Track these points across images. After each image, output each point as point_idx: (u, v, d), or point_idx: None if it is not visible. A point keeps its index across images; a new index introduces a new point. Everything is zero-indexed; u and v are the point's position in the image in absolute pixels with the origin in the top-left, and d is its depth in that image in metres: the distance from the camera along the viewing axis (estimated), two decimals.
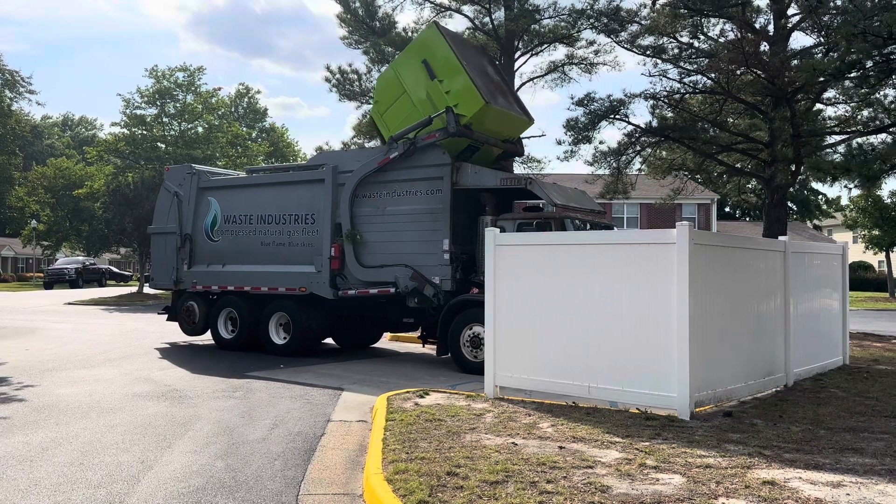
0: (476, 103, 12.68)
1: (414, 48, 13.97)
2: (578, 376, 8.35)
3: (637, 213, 39.55)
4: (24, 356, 13.75)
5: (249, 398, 9.71)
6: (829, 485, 5.40)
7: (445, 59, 13.05)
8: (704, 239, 8.37)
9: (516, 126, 14.31)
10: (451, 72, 12.95)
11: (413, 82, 13.44)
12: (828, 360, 11.56)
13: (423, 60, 13.24)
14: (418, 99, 13.33)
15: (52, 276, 51.14)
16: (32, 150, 78.67)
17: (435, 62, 13.14)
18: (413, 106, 13.37)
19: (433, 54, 13.23)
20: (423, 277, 12.54)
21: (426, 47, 13.47)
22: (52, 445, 7.12)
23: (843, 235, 56.68)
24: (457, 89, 12.85)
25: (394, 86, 13.81)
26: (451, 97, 12.82)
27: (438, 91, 13.00)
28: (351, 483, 6.06)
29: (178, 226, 15.85)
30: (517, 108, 14.42)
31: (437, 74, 13.06)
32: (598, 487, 5.29)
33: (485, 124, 13.16)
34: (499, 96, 13.71)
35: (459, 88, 12.83)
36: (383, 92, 14.17)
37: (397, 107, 13.67)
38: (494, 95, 13.39)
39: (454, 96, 12.82)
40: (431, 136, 12.73)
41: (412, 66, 13.50)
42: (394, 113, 13.69)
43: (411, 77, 13.47)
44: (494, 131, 13.60)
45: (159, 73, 40.55)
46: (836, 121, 20.21)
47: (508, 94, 14.67)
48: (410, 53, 13.88)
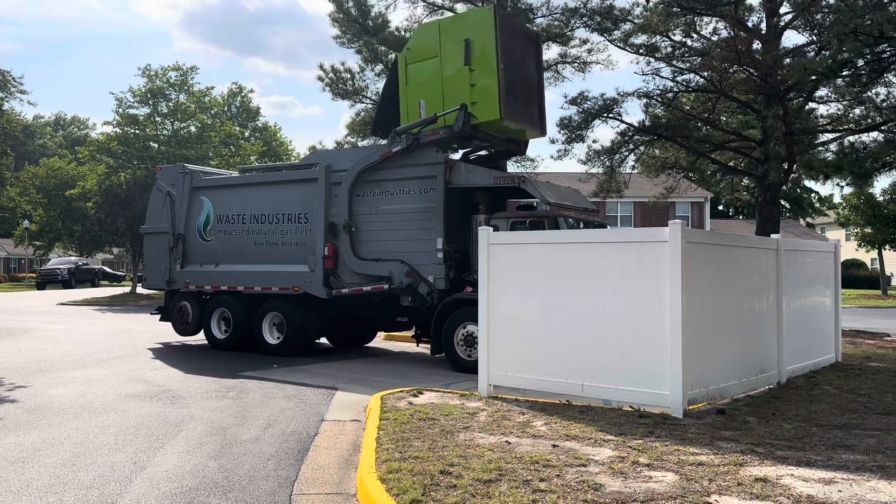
0: (492, 113, 12.42)
1: (465, 21, 13.41)
2: (572, 375, 8.36)
3: (630, 211, 39.63)
4: (17, 357, 13.69)
5: (243, 398, 9.69)
6: (821, 482, 5.41)
7: (485, 52, 12.53)
8: (697, 237, 8.40)
9: (527, 135, 14.22)
10: (485, 67, 12.50)
11: (449, 53, 12.88)
12: (820, 358, 11.61)
13: (466, 40, 12.65)
14: (446, 73, 12.86)
15: (44, 277, 50.95)
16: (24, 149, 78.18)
17: (475, 48, 12.58)
18: (438, 77, 12.93)
19: (477, 38, 12.62)
20: (418, 275, 12.53)
21: (475, 28, 12.77)
22: (44, 446, 7.09)
23: (835, 233, 56.90)
24: (482, 87, 12.50)
25: (431, 44, 13.15)
26: (473, 92, 12.51)
27: (465, 79, 12.57)
28: (344, 483, 6.06)
29: (171, 225, 15.81)
30: (536, 117, 14.01)
31: (472, 63, 12.56)
32: (591, 486, 5.29)
33: (494, 129, 13.06)
34: (521, 104, 13.24)
35: (484, 89, 12.47)
36: (420, 44, 13.50)
37: (424, 67, 13.16)
38: (515, 105, 12.92)
39: (476, 93, 12.50)
40: (436, 133, 12.66)
41: (455, 37, 12.86)
42: (418, 71, 13.23)
43: (450, 46, 12.87)
44: (502, 133, 13.50)
45: (152, 72, 40.41)
46: (828, 119, 20.31)
47: (534, 100, 13.99)
48: (459, 24, 13.32)
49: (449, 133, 12.57)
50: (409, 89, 13.36)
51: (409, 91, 13.38)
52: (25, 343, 16.23)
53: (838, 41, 14.00)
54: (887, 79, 16.82)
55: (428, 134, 12.76)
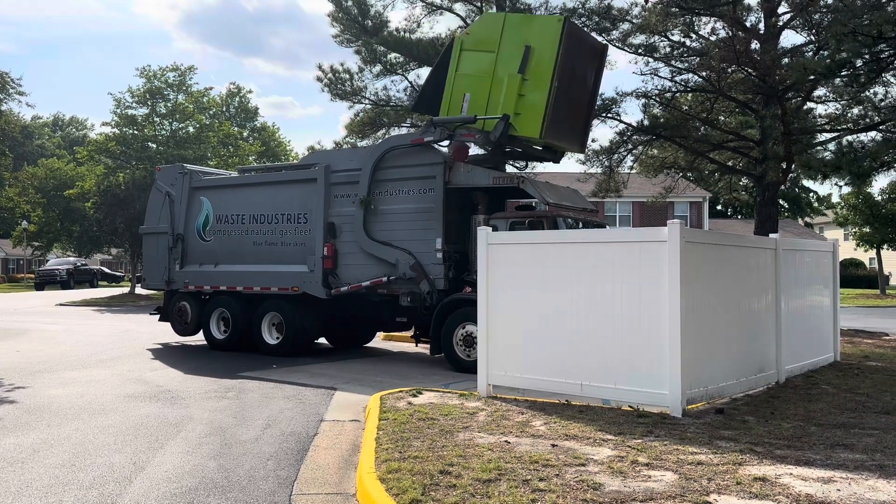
0: (533, 130, 12.13)
1: (532, 25, 12.73)
2: (571, 374, 8.37)
3: (629, 211, 39.66)
4: (16, 358, 13.68)
5: (242, 398, 9.69)
6: (820, 480, 5.43)
7: (543, 64, 12.02)
8: (695, 237, 8.41)
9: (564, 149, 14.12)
10: (539, 81, 12.03)
11: (507, 53, 12.33)
12: (819, 357, 11.62)
13: (527, 46, 12.11)
14: (499, 74, 12.33)
15: (43, 277, 50.90)
16: (23, 150, 78.15)
17: (534, 57, 12.09)
18: (490, 74, 12.40)
19: (539, 47, 12.09)
20: (422, 270, 12.50)
21: (540, 36, 12.19)
22: (44, 447, 7.09)
23: (834, 233, 56.94)
24: (529, 101, 12.09)
25: (492, 37, 12.56)
26: (519, 103, 12.10)
27: (516, 86, 12.10)
28: (344, 483, 6.06)
29: (170, 226, 15.80)
30: (577, 135, 13.71)
31: (526, 72, 12.11)
32: (590, 485, 5.30)
33: (529, 142, 12.87)
34: (565, 123, 12.89)
35: (532, 105, 12.07)
36: (480, 32, 12.94)
37: (479, 58, 12.60)
38: (561, 123, 12.56)
39: (522, 105, 12.11)
40: (471, 134, 12.53)
41: (518, 38, 12.33)
42: (472, 60, 12.67)
43: (510, 47, 12.33)
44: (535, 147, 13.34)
45: (150, 72, 40.40)
46: (826, 119, 20.33)
47: (581, 119, 13.65)
48: (525, 26, 12.65)
49: (484, 139, 12.42)
50: (457, 76, 12.82)
51: (458, 79, 12.84)
52: (24, 344, 16.22)
53: (836, 41, 14.02)
54: (885, 79, 16.83)
55: (463, 133, 12.58)
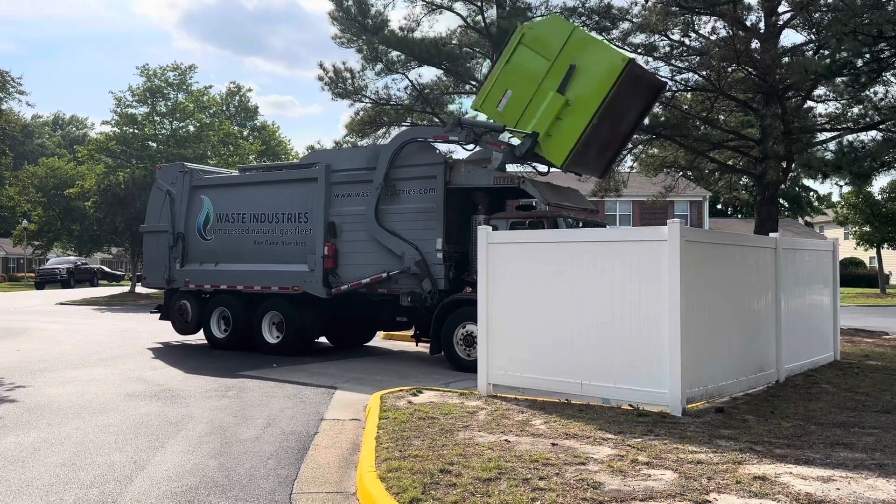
0: (557, 158, 11.83)
1: (596, 51, 11.84)
2: (571, 373, 8.38)
3: (629, 210, 39.64)
4: (16, 357, 13.69)
5: (242, 397, 9.70)
6: (820, 479, 5.43)
7: (590, 97, 11.43)
8: (696, 236, 8.42)
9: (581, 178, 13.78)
10: (581, 112, 11.49)
11: (560, 66, 11.69)
12: (819, 356, 11.63)
13: (572, 65, 11.54)
14: (545, 86, 11.74)
15: (43, 276, 50.93)
16: (23, 149, 78.20)
17: (579, 80, 11.50)
18: (537, 81, 11.81)
19: (590, 75, 11.47)
20: (426, 267, 12.50)
21: (598, 67, 11.49)
22: (45, 446, 7.10)
23: (834, 232, 56.94)
24: (564, 128, 11.62)
25: (554, 43, 11.83)
26: (554, 125, 11.66)
27: (557, 106, 11.60)
28: (344, 481, 6.07)
29: (171, 224, 15.81)
30: (602, 164, 13.40)
31: (568, 92, 11.55)
32: (590, 484, 5.31)
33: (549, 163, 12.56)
34: (593, 153, 12.54)
35: (566, 131, 11.60)
36: (544, 34, 12.15)
37: (532, 59, 11.99)
38: (587, 154, 12.23)
39: (556, 128, 11.67)
40: (497, 144, 12.37)
41: (577, 56, 11.66)
42: (525, 58, 12.08)
43: (566, 62, 11.67)
44: None
45: (150, 71, 40.41)
46: (826, 118, 20.32)
47: (612, 148, 13.25)
48: (588, 48, 11.80)
49: (509, 151, 12.27)
50: (506, 69, 12.25)
51: (506, 71, 12.27)
52: (24, 343, 16.23)
53: (837, 41, 14.01)
54: (886, 78, 16.84)
55: (489, 141, 12.47)
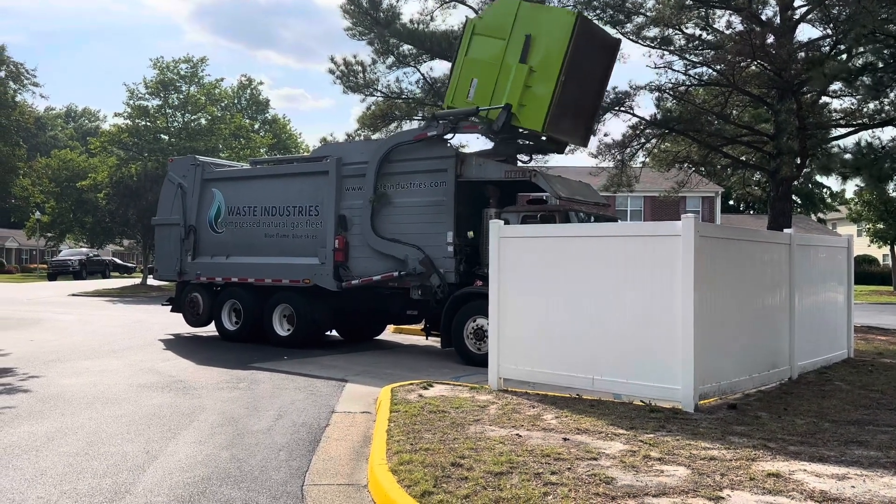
0: (535, 124, 12.05)
1: (545, 16, 12.45)
2: (582, 368, 8.34)
3: (641, 205, 39.45)
4: (29, 347, 13.79)
5: (254, 389, 9.73)
6: (834, 477, 5.39)
7: (551, 58, 11.84)
8: (710, 231, 8.35)
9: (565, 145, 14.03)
10: (546, 75, 11.87)
11: (518, 41, 12.13)
12: (832, 353, 11.54)
13: (527, 35, 11.93)
14: (507, 62, 12.18)
15: (55, 268, 51.25)
16: (36, 141, 78.66)
17: (538, 46, 11.92)
18: (499, 61, 12.23)
19: (545, 38, 11.90)
20: (432, 264, 12.49)
21: (551, 29, 11.97)
22: (58, 435, 7.14)
23: (847, 229, 56.47)
24: (535, 94, 11.95)
25: (504, 23, 12.37)
26: (525, 94, 11.98)
27: (523, 76, 11.95)
28: (355, 474, 6.08)
29: (182, 217, 15.86)
30: (581, 130, 13.59)
31: (530, 61, 11.94)
32: (602, 479, 5.29)
33: (533, 132, 12.74)
34: (569, 119, 12.76)
35: (536, 98, 11.93)
36: (493, 18, 12.75)
37: (489, 44, 12.47)
38: (564, 118, 12.47)
39: (528, 97, 11.99)
40: (474, 126, 12.51)
41: (529, 27, 12.10)
42: (482, 45, 12.55)
43: (521, 35, 12.13)
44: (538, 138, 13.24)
45: (163, 64, 40.53)
46: (841, 113, 20.14)
47: (586, 114, 13.52)
48: (537, 16, 12.35)
49: (487, 129, 12.40)
50: (466, 61, 12.70)
51: (467, 63, 12.73)
52: (38, 333, 16.34)
53: (856, 41, 13.86)
54: None
55: (466, 126, 12.56)
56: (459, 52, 12.93)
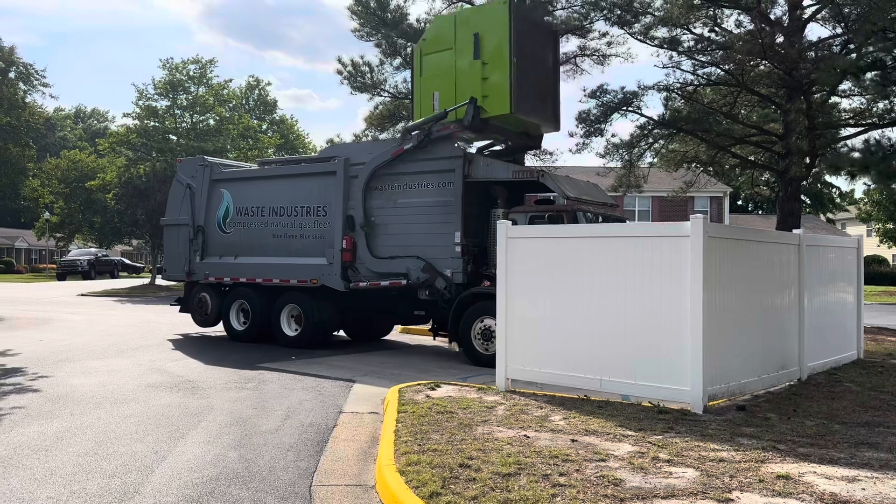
0: (502, 107, 12.37)
1: (480, 14, 13.23)
2: (590, 369, 8.33)
3: (649, 206, 39.36)
4: (39, 347, 13.85)
5: (262, 389, 9.75)
6: (845, 479, 5.36)
7: (498, 46, 12.45)
8: (719, 232, 8.31)
9: (539, 129, 14.16)
10: (498, 62, 12.44)
11: (464, 45, 12.82)
12: (842, 355, 11.48)
13: (476, 34, 12.61)
14: (460, 66, 12.82)
15: (64, 268, 51.46)
16: (45, 142, 79.05)
17: (486, 41, 12.53)
18: (452, 69, 12.88)
19: (489, 32, 12.56)
20: (435, 270, 12.53)
21: (490, 21, 12.69)
22: (67, 435, 7.17)
23: (856, 229, 56.27)
24: (493, 82, 12.44)
25: (447, 35, 13.12)
26: (485, 86, 12.47)
27: (476, 72, 12.54)
28: (363, 474, 6.08)
29: (191, 218, 15.92)
30: (549, 112, 13.89)
31: (483, 56, 12.52)
32: (610, 480, 5.27)
33: (505, 123, 13.04)
34: (533, 101, 13.13)
35: (496, 84, 12.41)
36: (436, 35, 13.46)
37: (439, 58, 13.11)
38: (529, 98, 12.83)
39: (488, 87, 12.46)
40: (446, 127, 12.69)
41: (471, 29, 12.79)
42: (433, 61, 13.18)
43: (465, 39, 12.81)
44: (513, 127, 13.48)
45: (172, 65, 40.67)
46: (851, 113, 20.02)
47: (549, 95, 13.88)
48: (475, 16, 13.21)
49: (460, 128, 12.59)
50: (423, 80, 13.34)
51: (424, 82, 13.36)
52: (47, 333, 16.42)
53: (864, 38, 13.78)
54: None
55: (439, 129, 12.77)
56: (415, 78, 13.56)
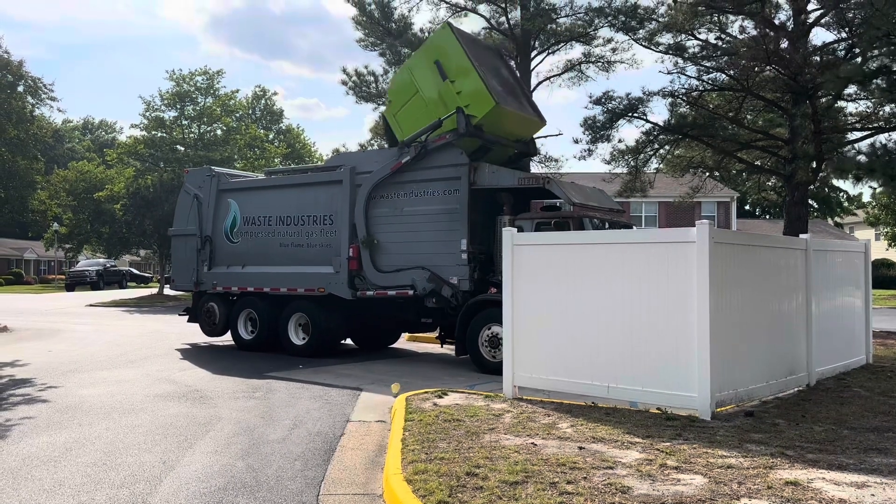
0: (486, 104, 12.71)
1: (427, 49, 14.05)
2: (597, 376, 8.31)
3: (655, 211, 39.32)
4: (47, 357, 13.91)
5: (269, 398, 9.76)
6: (854, 485, 5.33)
7: (457, 60, 13.09)
8: (725, 237, 8.31)
9: (528, 127, 14.33)
10: (463, 73, 13.00)
11: (425, 83, 13.48)
12: (850, 360, 11.43)
13: (436, 61, 13.27)
14: (430, 99, 13.36)
15: (73, 279, 51.63)
16: (54, 153, 79.60)
17: (447, 63, 13.16)
18: (425, 106, 13.37)
19: (446, 55, 13.27)
20: (440, 278, 12.54)
21: (439, 48, 13.52)
22: (76, 446, 7.20)
23: (864, 233, 55.98)
24: (468, 90, 12.87)
25: (407, 86, 13.85)
26: (462, 98, 12.86)
27: (450, 92, 13.02)
28: (371, 483, 6.08)
29: (198, 227, 15.97)
30: (529, 109, 14.44)
31: (449, 75, 13.09)
32: (618, 488, 5.26)
33: (496, 125, 13.17)
34: (510, 98, 13.72)
35: (471, 90, 12.85)
36: (397, 92, 14.21)
37: (410, 107, 13.68)
38: (506, 97, 13.39)
39: (465, 97, 12.84)
40: (442, 137, 12.77)
41: (425, 66, 13.55)
42: (406, 113, 13.70)
43: (424, 77, 13.51)
44: (506, 132, 13.61)
45: (180, 76, 40.93)
46: (857, 117, 19.99)
47: (521, 96, 14.66)
48: (423, 54, 13.97)
49: (455, 136, 12.68)
50: (405, 132, 13.61)
51: (407, 131, 13.56)
52: (56, 344, 16.49)
53: (869, 43, 13.77)
54: None
55: (435, 140, 12.86)
56: (398, 137, 13.82)
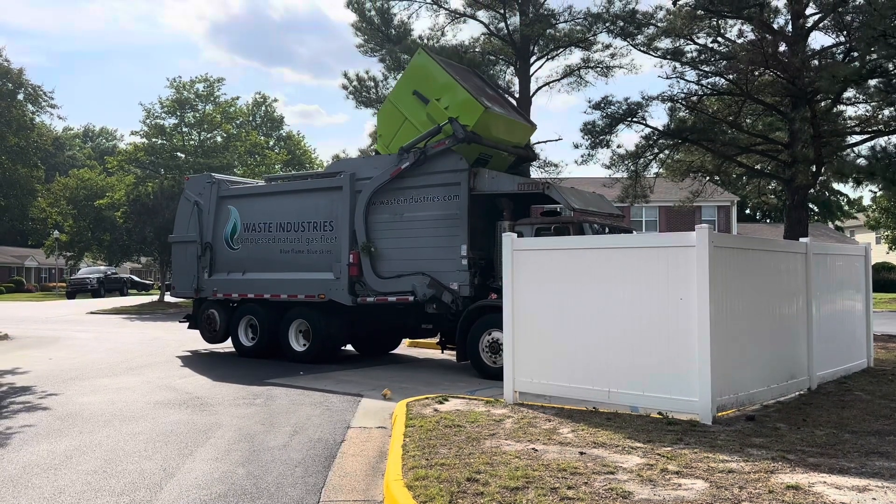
0: (476, 111, 12.87)
1: (405, 78, 14.30)
2: (598, 381, 8.30)
3: (655, 216, 39.32)
4: (48, 365, 13.91)
5: (270, 405, 9.75)
6: (855, 489, 5.32)
7: (439, 79, 13.38)
8: (724, 241, 8.31)
9: (521, 132, 14.45)
10: (447, 89, 13.26)
11: (411, 110, 13.69)
12: (852, 363, 11.41)
13: (414, 91, 13.60)
14: (420, 121, 13.47)
15: (74, 286, 51.68)
16: (54, 161, 79.70)
17: (427, 87, 13.46)
18: (417, 130, 13.44)
19: (426, 77, 13.58)
20: (440, 284, 12.54)
21: (417, 74, 13.83)
22: (76, 453, 7.19)
23: (865, 236, 55.96)
24: (456, 102, 13.09)
25: (394, 117, 14.05)
26: (451, 111, 13.01)
27: (438, 109, 13.19)
28: (371, 489, 6.07)
29: (199, 234, 15.98)
30: (517, 115, 14.68)
31: (431, 96, 13.33)
32: (619, 493, 5.25)
33: (489, 131, 13.20)
34: (496, 105, 13.88)
35: (458, 101, 13.07)
36: (385, 125, 14.38)
37: (402, 134, 13.71)
38: (492, 104, 13.53)
39: (454, 109, 13.01)
40: (441, 143, 12.79)
41: (406, 95, 13.81)
42: (399, 140, 13.65)
43: (408, 105, 13.75)
44: (499, 138, 13.64)
45: (180, 83, 41.01)
46: (856, 121, 20.02)
47: (506, 104, 14.90)
48: (402, 84, 14.25)
49: (454, 142, 12.73)
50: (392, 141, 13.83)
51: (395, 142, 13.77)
52: (56, 351, 16.48)
53: (867, 45, 13.80)
54: None
55: (434, 146, 12.88)
56: None
